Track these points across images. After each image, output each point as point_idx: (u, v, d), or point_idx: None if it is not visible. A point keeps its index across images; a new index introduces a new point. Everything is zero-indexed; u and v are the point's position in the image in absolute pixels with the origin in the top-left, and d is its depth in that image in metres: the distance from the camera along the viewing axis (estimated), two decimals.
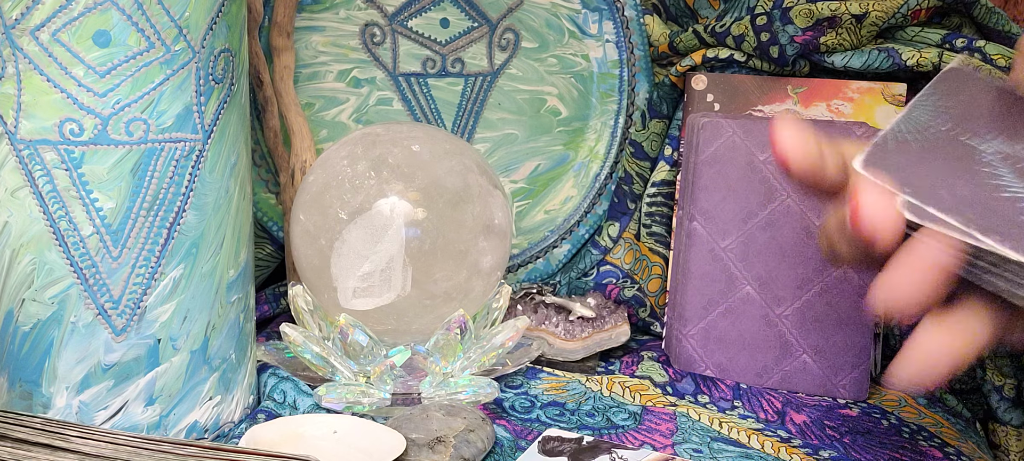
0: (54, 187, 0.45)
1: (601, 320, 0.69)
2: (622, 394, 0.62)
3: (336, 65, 0.75)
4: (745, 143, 0.64)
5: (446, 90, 0.77)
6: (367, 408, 0.55)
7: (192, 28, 0.46)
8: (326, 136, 0.75)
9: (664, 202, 0.75)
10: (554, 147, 0.79)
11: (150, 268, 0.47)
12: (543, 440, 0.51)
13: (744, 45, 0.71)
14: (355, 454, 0.48)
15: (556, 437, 0.52)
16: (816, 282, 0.62)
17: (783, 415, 0.59)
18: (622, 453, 0.50)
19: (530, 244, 0.78)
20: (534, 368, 0.65)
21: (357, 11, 0.75)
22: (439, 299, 0.57)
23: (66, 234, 0.46)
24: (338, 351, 0.57)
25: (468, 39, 0.76)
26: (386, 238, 0.55)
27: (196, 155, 0.48)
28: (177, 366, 0.49)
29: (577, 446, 0.51)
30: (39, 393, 0.47)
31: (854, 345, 0.62)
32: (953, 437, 0.57)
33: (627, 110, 0.77)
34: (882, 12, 0.69)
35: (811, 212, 0.63)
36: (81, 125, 0.45)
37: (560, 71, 0.78)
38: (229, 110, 0.50)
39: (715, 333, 0.64)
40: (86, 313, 0.47)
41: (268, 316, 0.72)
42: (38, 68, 0.44)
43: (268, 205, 0.74)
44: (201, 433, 0.51)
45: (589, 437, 0.52)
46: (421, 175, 0.57)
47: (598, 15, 0.77)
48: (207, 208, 0.49)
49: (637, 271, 0.76)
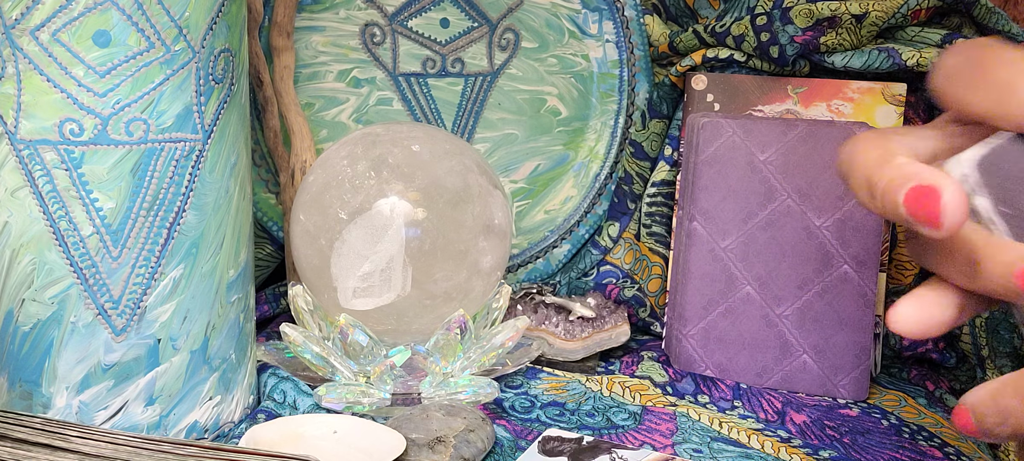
0: (54, 187, 0.45)
1: (601, 320, 0.69)
2: (622, 394, 0.62)
3: (336, 65, 0.75)
4: (745, 143, 0.64)
5: (446, 90, 0.77)
6: (367, 408, 0.55)
7: (192, 28, 0.46)
8: (326, 136, 0.75)
9: (664, 202, 0.75)
10: (554, 147, 0.79)
11: (150, 268, 0.47)
12: (543, 440, 0.51)
13: (744, 45, 0.71)
14: (355, 454, 0.48)
15: (556, 437, 0.52)
16: (816, 282, 0.62)
17: (783, 415, 0.59)
18: (622, 453, 0.50)
19: (530, 244, 0.78)
20: (534, 368, 0.65)
21: (357, 11, 0.75)
22: (439, 299, 0.57)
23: (66, 234, 0.46)
24: (338, 351, 0.57)
25: (468, 39, 0.76)
26: (386, 238, 0.55)
27: (196, 155, 0.48)
28: (177, 366, 0.49)
29: (577, 446, 0.51)
30: (39, 393, 0.47)
31: (854, 345, 0.62)
32: (953, 437, 0.57)
33: (627, 110, 0.77)
34: (882, 12, 0.69)
35: (811, 212, 0.63)
36: (81, 125, 0.45)
37: (560, 71, 0.78)
38: (229, 110, 0.50)
39: (715, 333, 0.64)
40: (86, 313, 0.47)
41: (268, 316, 0.72)
42: (38, 68, 0.44)
43: (268, 205, 0.74)
44: (201, 433, 0.51)
45: (589, 437, 0.52)
46: (421, 175, 0.57)
47: (598, 15, 0.77)
48: (207, 208, 0.49)
49: (637, 271, 0.76)
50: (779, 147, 0.63)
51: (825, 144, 0.63)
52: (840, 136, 0.63)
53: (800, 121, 0.64)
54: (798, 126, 0.63)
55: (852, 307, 0.62)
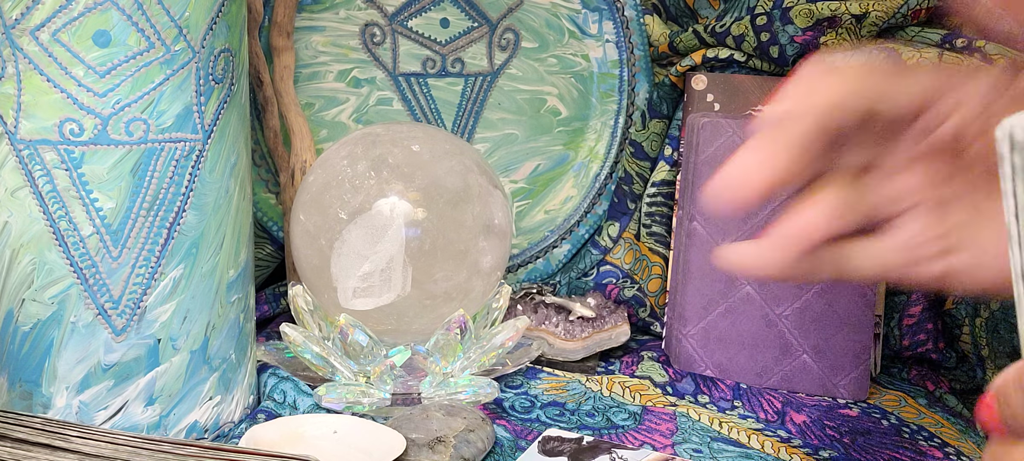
0: (54, 187, 0.45)
1: (601, 320, 0.69)
2: (622, 394, 0.62)
3: (336, 65, 0.75)
4: None
5: (446, 90, 0.77)
6: (367, 408, 0.55)
7: (192, 28, 0.46)
8: (326, 136, 0.75)
9: (664, 202, 0.75)
10: (554, 147, 0.79)
11: (150, 268, 0.47)
12: (543, 440, 0.51)
13: (744, 45, 0.71)
14: (355, 454, 0.48)
15: (556, 437, 0.52)
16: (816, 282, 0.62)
17: (783, 415, 0.59)
18: (622, 453, 0.50)
19: (530, 244, 0.78)
20: (534, 368, 0.65)
21: (357, 11, 0.75)
22: (439, 299, 0.57)
23: (66, 234, 0.46)
24: (338, 351, 0.57)
25: (468, 39, 0.76)
26: (386, 238, 0.55)
27: (196, 155, 0.48)
28: (177, 366, 0.49)
29: (577, 446, 0.51)
30: (39, 393, 0.47)
31: (854, 345, 0.62)
32: (953, 437, 0.57)
33: (627, 110, 0.77)
34: (882, 12, 0.69)
35: None
36: (81, 125, 0.45)
37: (560, 71, 0.78)
38: (229, 110, 0.50)
39: (715, 333, 0.64)
40: (86, 313, 0.47)
41: (268, 316, 0.72)
42: (38, 68, 0.44)
43: (268, 205, 0.74)
44: (201, 433, 0.51)
45: (589, 437, 0.52)
46: (421, 175, 0.57)
47: (598, 15, 0.77)
48: (207, 208, 0.49)
49: (637, 271, 0.76)
50: None
51: None
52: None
53: None
54: None
55: (852, 307, 0.62)
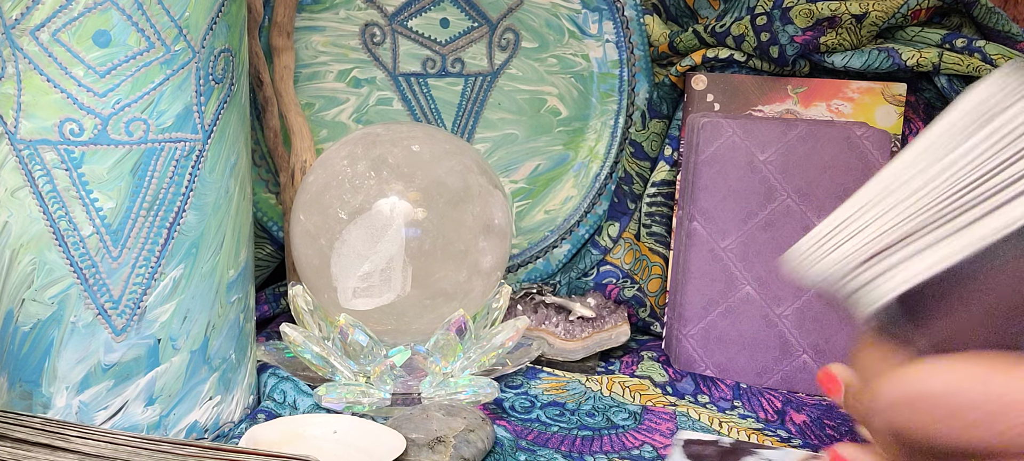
0: (54, 187, 0.45)
1: (601, 320, 0.69)
2: (622, 394, 0.62)
3: (336, 65, 0.75)
4: (745, 143, 0.64)
5: (446, 90, 0.77)
6: (367, 408, 0.55)
7: (192, 28, 0.46)
8: (326, 136, 0.75)
9: (664, 202, 0.75)
10: (554, 147, 0.79)
11: (150, 268, 0.47)
12: (686, 444, 0.51)
13: (744, 45, 0.71)
14: (355, 454, 0.48)
15: (697, 441, 0.52)
16: None
17: (783, 415, 0.59)
18: (765, 453, 0.50)
19: (530, 244, 0.78)
20: (534, 368, 0.65)
21: (357, 11, 0.75)
22: (439, 299, 0.57)
23: (66, 234, 0.46)
24: (338, 351, 0.57)
25: (468, 39, 0.76)
26: (386, 238, 0.55)
27: (196, 155, 0.48)
28: (177, 366, 0.49)
29: (721, 448, 0.51)
30: (39, 393, 0.47)
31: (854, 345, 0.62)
32: None
33: (627, 110, 0.77)
34: (882, 12, 0.69)
35: (811, 211, 0.63)
36: (81, 125, 0.45)
37: (560, 71, 0.78)
38: (229, 110, 0.50)
39: (715, 333, 0.64)
40: (86, 313, 0.47)
41: (268, 316, 0.72)
42: (38, 68, 0.44)
43: (268, 205, 0.74)
44: (201, 433, 0.51)
45: (726, 439, 0.52)
46: (421, 175, 0.57)
47: (598, 15, 0.77)
48: (207, 208, 0.49)
49: (637, 271, 0.76)
50: (779, 147, 0.63)
51: (825, 144, 0.63)
52: (840, 136, 0.63)
53: (800, 121, 0.64)
54: (798, 126, 0.63)
55: None
